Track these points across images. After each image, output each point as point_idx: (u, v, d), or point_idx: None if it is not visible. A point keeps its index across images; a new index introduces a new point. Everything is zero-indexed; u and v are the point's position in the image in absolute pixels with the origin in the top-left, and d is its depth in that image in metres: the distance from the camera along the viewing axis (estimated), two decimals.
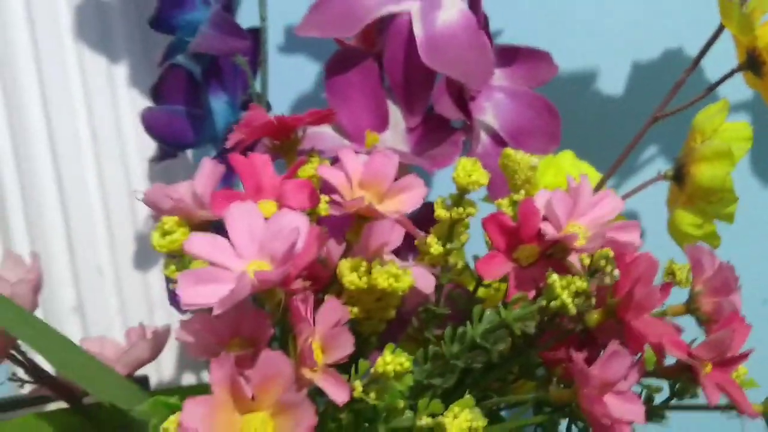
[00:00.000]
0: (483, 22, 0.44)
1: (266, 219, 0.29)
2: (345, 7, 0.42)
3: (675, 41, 0.55)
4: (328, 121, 0.39)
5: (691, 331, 0.39)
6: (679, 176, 0.44)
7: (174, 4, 0.48)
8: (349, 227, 0.34)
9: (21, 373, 0.45)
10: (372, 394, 0.30)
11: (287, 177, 0.33)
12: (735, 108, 0.56)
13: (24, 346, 0.43)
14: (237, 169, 0.32)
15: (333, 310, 0.32)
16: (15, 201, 0.57)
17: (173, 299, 0.52)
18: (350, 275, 0.33)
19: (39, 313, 0.59)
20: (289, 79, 0.58)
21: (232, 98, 0.53)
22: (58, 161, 0.57)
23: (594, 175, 0.48)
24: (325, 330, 0.32)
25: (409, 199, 0.33)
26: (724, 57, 0.46)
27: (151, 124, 0.52)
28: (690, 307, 0.38)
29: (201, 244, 0.28)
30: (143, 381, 0.54)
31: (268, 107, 0.54)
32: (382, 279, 0.33)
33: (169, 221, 0.35)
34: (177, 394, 0.37)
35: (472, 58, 0.41)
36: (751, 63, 0.44)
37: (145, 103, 0.55)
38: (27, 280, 0.43)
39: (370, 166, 0.33)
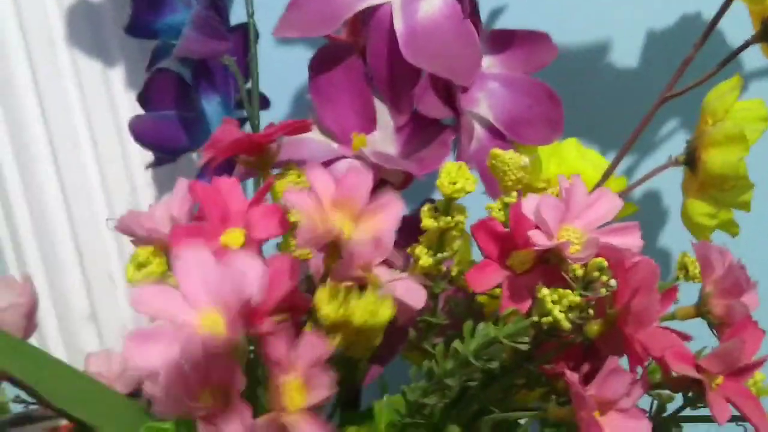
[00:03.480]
0: (470, 7, 0.41)
1: (220, 262, 0.27)
2: (323, 3, 0.40)
3: (691, 9, 0.51)
4: (305, 131, 0.37)
5: (704, 333, 0.36)
6: (691, 161, 0.41)
7: (150, 9, 0.46)
8: (326, 253, 0.32)
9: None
10: None
11: (254, 202, 0.31)
12: (760, 76, 0.52)
13: None
14: (198, 198, 0.31)
15: (312, 347, 0.30)
16: (23, 216, 0.57)
17: None
18: (326, 308, 0.31)
19: (54, 323, 0.60)
20: (288, 71, 0.56)
21: (225, 98, 0.52)
22: (60, 171, 0.57)
23: (602, 163, 0.45)
24: (305, 368, 0.30)
25: (385, 219, 0.31)
26: (743, 26, 0.43)
27: (140, 132, 0.50)
28: (700, 309, 0.35)
29: (150, 298, 0.26)
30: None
31: (266, 104, 0.52)
32: (357, 315, 0.30)
33: (143, 252, 0.33)
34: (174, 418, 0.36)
35: (458, 51, 0.38)
36: (766, 33, 0.40)
37: None
38: (18, 304, 0.42)
39: (342, 184, 0.31)
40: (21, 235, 0.58)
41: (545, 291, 0.31)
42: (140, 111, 0.53)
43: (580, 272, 0.32)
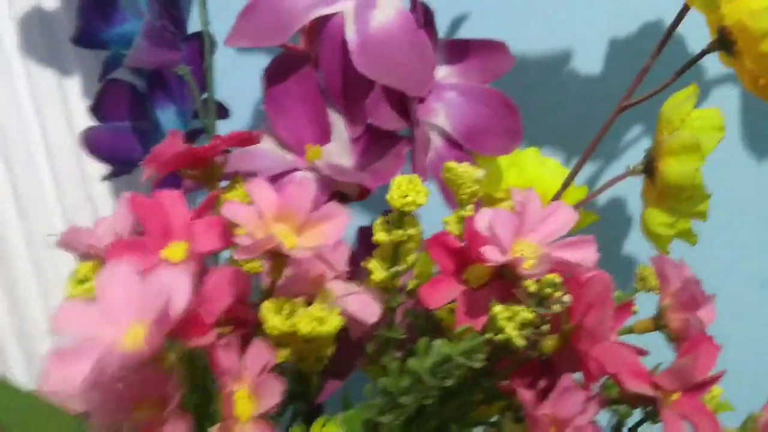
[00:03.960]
0: (425, 18, 0.40)
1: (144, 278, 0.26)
2: (272, 13, 0.39)
3: (651, 17, 0.51)
4: (252, 143, 0.36)
5: (662, 347, 0.36)
6: (649, 171, 0.41)
7: (99, 19, 0.45)
8: (270, 265, 0.31)
9: None
10: None
11: (197, 215, 0.30)
12: (719, 83, 0.52)
13: None
14: (138, 211, 0.30)
15: (259, 355, 0.30)
16: None
17: None
18: (273, 319, 0.30)
19: (15, 341, 0.59)
20: (249, 80, 0.55)
21: (181, 108, 0.51)
22: (16, 185, 0.55)
23: (562, 171, 0.45)
24: (253, 377, 0.30)
25: (329, 230, 0.30)
26: (703, 33, 0.42)
27: (93, 144, 0.49)
28: (658, 323, 0.34)
29: (72, 317, 0.25)
30: None
31: (224, 113, 0.51)
32: (303, 324, 0.30)
33: (83, 268, 0.33)
34: None
35: (410, 62, 0.38)
36: (722, 42, 0.40)
37: None
38: None
39: (284, 197, 0.30)
40: None
41: (498, 308, 0.31)
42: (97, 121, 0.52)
43: (533, 288, 0.31)
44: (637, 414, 0.36)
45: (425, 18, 0.40)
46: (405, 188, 0.33)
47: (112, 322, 0.24)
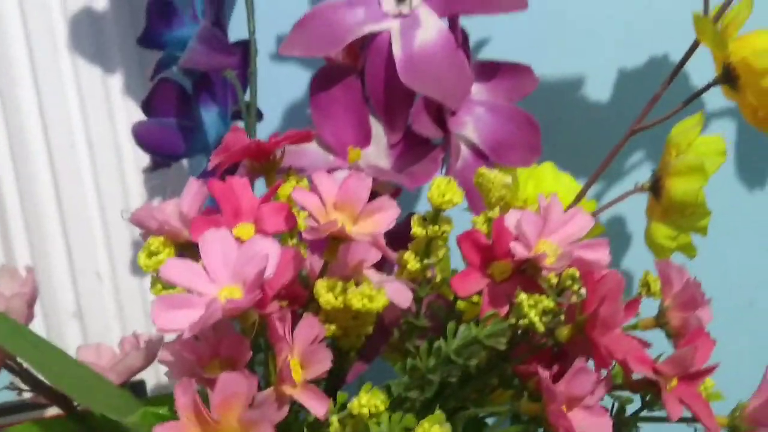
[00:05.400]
0: (462, 39, 0.44)
1: (241, 244, 0.30)
2: (327, 26, 0.43)
3: (659, 49, 0.56)
4: (306, 141, 0.40)
5: (663, 343, 0.40)
6: (655, 188, 0.45)
7: (162, 22, 0.49)
8: (326, 248, 0.35)
9: (19, 381, 0.46)
10: (348, 429, 0.32)
11: (264, 200, 0.34)
12: (721, 114, 0.57)
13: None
14: (214, 194, 0.34)
15: (310, 327, 0.34)
16: (15, 210, 0.59)
17: None
18: (326, 295, 0.34)
19: (40, 319, 0.61)
20: (282, 87, 0.59)
21: (222, 109, 0.54)
22: (56, 171, 0.59)
23: (574, 186, 0.49)
24: (304, 347, 0.33)
25: (382, 220, 0.34)
26: (709, 67, 0.47)
27: (143, 137, 0.53)
28: (659, 321, 0.39)
29: (176, 270, 0.29)
30: (140, 386, 0.55)
31: (259, 116, 0.55)
32: (356, 300, 0.34)
33: (155, 242, 0.36)
34: (168, 403, 0.38)
35: (450, 78, 0.42)
36: (726, 76, 0.45)
37: (141, 113, 0.56)
38: (22, 293, 0.44)
39: (343, 188, 0.34)
40: (12, 231, 0.59)
41: (523, 296, 0.35)
42: (136, 117, 0.55)
43: (554, 280, 0.35)
44: (636, 404, 0.40)
45: (462, 39, 0.45)
46: (444, 188, 0.37)
47: (212, 280, 0.28)
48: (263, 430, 0.28)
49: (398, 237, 0.40)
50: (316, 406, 0.32)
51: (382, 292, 0.34)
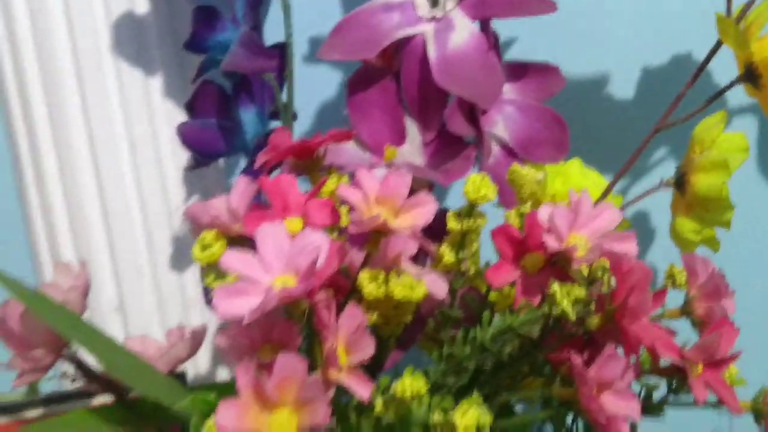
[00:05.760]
0: (493, 41, 0.46)
1: (292, 236, 0.32)
2: (364, 30, 0.45)
3: (683, 49, 0.57)
4: (347, 139, 0.42)
5: (687, 333, 0.42)
6: (680, 184, 0.47)
7: (207, 27, 0.52)
8: (368, 240, 0.37)
9: (71, 370, 0.48)
10: (391, 411, 0.34)
11: (311, 196, 0.37)
12: (743, 112, 0.58)
13: (73, 347, 0.47)
14: (265, 190, 0.36)
15: (353, 316, 0.36)
16: (59, 208, 0.61)
17: (208, 299, 0.55)
18: (369, 285, 0.36)
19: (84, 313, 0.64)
20: (314, 88, 0.61)
21: (260, 110, 0.56)
22: (99, 169, 0.60)
23: (601, 182, 0.51)
24: (348, 334, 0.35)
25: (421, 214, 0.36)
26: (731, 66, 0.48)
27: (186, 137, 0.55)
28: (685, 310, 0.40)
29: (235, 260, 0.31)
30: (181, 377, 0.58)
31: (294, 117, 0.57)
32: (398, 290, 0.36)
33: (208, 235, 0.38)
34: (214, 390, 0.41)
35: (482, 79, 0.44)
36: (749, 75, 0.46)
37: (180, 114, 0.59)
38: (77, 286, 0.46)
39: (385, 184, 0.36)
40: (57, 228, 0.61)
41: (557, 286, 0.37)
42: (175, 117, 0.58)
43: (585, 271, 0.37)
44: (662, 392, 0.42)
45: (494, 41, 0.47)
46: (479, 184, 0.39)
47: (267, 270, 0.31)
48: (319, 408, 0.30)
49: (429, 231, 0.42)
50: (361, 390, 0.34)
51: (422, 283, 0.36)
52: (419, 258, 0.44)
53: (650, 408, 0.40)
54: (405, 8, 0.46)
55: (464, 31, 0.45)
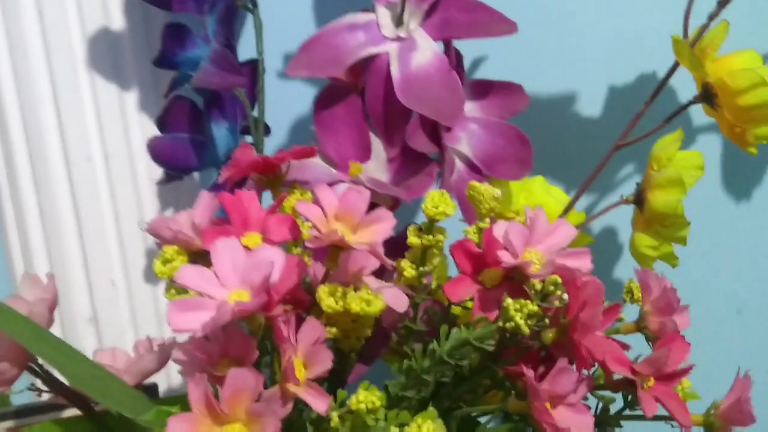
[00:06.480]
0: (456, 61, 0.47)
1: (249, 251, 0.33)
2: (330, 49, 0.46)
3: (647, 68, 0.59)
4: (310, 156, 0.43)
5: (645, 348, 0.43)
6: (639, 200, 0.48)
7: (176, 44, 0.52)
8: (327, 256, 0.38)
9: (39, 383, 0.49)
10: (347, 424, 0.34)
11: (271, 211, 0.37)
12: (707, 130, 0.60)
13: (41, 359, 0.47)
14: (225, 205, 0.36)
15: (312, 329, 0.36)
16: (34, 220, 0.61)
17: None
18: (327, 299, 0.37)
19: (57, 324, 0.64)
20: (288, 103, 0.62)
21: (232, 125, 0.57)
22: (73, 182, 0.61)
23: (564, 198, 0.52)
24: (306, 348, 0.36)
25: (379, 230, 0.37)
26: (692, 85, 0.49)
27: (157, 151, 0.56)
28: (639, 325, 0.41)
29: (189, 275, 0.32)
30: (152, 388, 0.58)
31: (267, 131, 0.58)
32: (355, 303, 0.36)
33: (170, 250, 0.39)
34: (180, 402, 0.41)
35: (444, 97, 0.45)
36: (705, 95, 0.47)
37: (154, 128, 0.59)
38: (44, 299, 0.47)
39: (343, 200, 0.37)
40: (31, 240, 0.62)
41: (509, 300, 0.37)
42: (150, 131, 0.58)
43: (538, 286, 0.38)
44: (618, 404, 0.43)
45: (457, 60, 0.48)
46: (437, 200, 0.40)
47: (222, 284, 0.31)
48: (269, 423, 0.31)
49: (399, 246, 0.43)
50: (318, 403, 0.35)
51: (379, 297, 0.37)
52: (385, 273, 0.45)
53: (606, 421, 0.41)
54: (370, 28, 0.46)
55: (427, 50, 0.46)
